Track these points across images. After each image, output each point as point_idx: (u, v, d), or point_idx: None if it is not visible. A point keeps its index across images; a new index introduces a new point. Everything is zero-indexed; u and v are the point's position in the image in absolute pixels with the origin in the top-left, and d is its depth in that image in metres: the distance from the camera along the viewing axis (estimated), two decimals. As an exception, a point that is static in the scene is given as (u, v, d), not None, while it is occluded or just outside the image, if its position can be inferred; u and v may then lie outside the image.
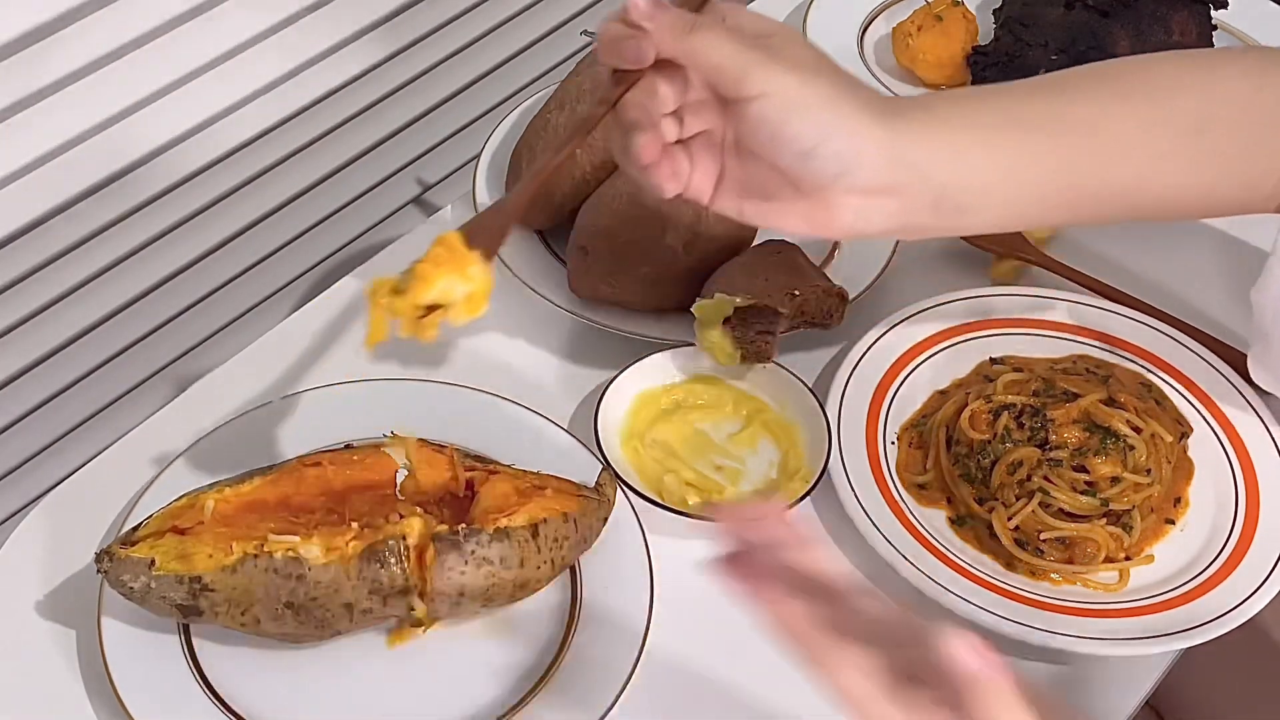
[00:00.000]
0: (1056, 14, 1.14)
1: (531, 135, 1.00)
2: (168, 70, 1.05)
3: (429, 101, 1.30)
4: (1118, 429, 0.86)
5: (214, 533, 0.73)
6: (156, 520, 0.74)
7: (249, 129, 1.14)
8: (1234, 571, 0.84)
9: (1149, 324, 0.97)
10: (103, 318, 1.11)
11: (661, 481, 0.85)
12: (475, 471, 0.80)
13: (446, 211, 1.06)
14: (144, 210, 1.10)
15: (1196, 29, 1.14)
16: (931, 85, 1.19)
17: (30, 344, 1.07)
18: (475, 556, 0.73)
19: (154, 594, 0.71)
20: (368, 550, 0.72)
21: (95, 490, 0.86)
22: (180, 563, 0.71)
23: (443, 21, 1.27)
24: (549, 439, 0.86)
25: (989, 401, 0.89)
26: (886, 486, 0.87)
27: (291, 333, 0.98)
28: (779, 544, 0.59)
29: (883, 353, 0.94)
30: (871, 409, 0.91)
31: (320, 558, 0.72)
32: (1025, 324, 0.97)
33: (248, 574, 0.71)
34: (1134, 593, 0.84)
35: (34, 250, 1.04)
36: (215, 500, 0.75)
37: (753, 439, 0.89)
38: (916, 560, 0.82)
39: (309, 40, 1.15)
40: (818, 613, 0.55)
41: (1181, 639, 0.80)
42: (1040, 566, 0.85)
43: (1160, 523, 0.88)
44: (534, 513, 0.75)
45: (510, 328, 0.98)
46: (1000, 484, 0.86)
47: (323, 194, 1.24)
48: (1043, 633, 0.80)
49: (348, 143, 1.24)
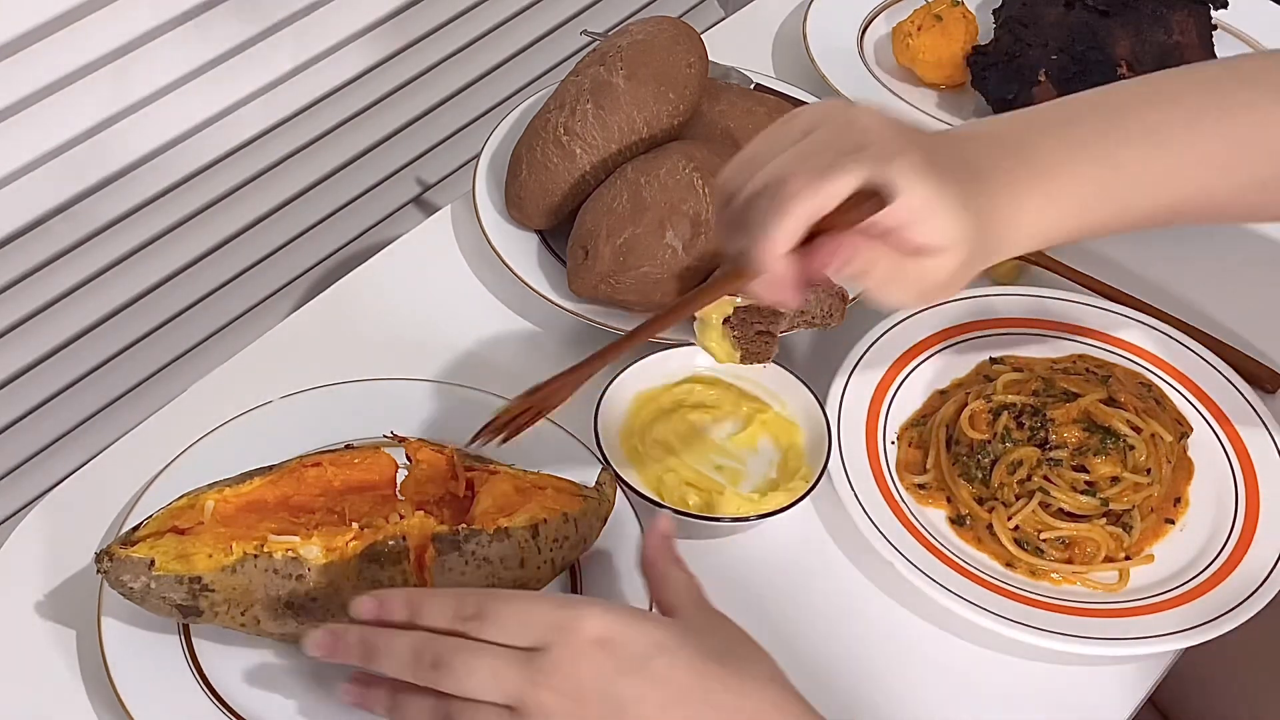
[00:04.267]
0: (1056, 14, 1.14)
1: (531, 135, 1.00)
2: (168, 70, 1.05)
3: (429, 101, 1.30)
4: (1118, 429, 0.86)
5: (214, 533, 0.73)
6: (156, 520, 0.74)
7: (249, 129, 1.14)
8: (1234, 571, 0.84)
9: (1149, 324, 0.97)
10: (103, 318, 1.11)
11: (661, 481, 0.85)
12: (475, 471, 0.79)
13: (446, 211, 1.06)
14: (144, 210, 1.10)
15: (1196, 29, 1.14)
16: (931, 85, 1.19)
17: (30, 344, 1.07)
18: (475, 557, 0.73)
19: (154, 594, 0.71)
20: (368, 550, 0.72)
21: (95, 490, 0.86)
22: (180, 563, 0.71)
23: (443, 21, 1.27)
24: (549, 439, 0.86)
25: (989, 401, 0.89)
26: (886, 486, 0.87)
27: (291, 333, 0.98)
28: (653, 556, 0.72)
29: (883, 353, 0.94)
30: (871, 409, 0.91)
31: (320, 558, 0.72)
32: (1025, 324, 0.97)
33: (248, 574, 0.71)
34: (1134, 593, 0.84)
35: (34, 250, 1.04)
36: (215, 500, 0.75)
37: (753, 439, 0.89)
38: (916, 560, 0.82)
39: (309, 40, 1.15)
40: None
41: (1181, 639, 0.80)
42: (1040, 566, 0.85)
43: (1160, 523, 0.88)
44: (534, 513, 0.75)
45: (510, 327, 0.98)
46: (1000, 484, 0.86)
47: (323, 194, 1.24)
48: (1043, 633, 0.80)
49: (348, 143, 1.24)
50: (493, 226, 1.00)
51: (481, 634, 0.65)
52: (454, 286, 1.01)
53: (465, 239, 1.04)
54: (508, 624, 0.65)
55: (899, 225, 0.65)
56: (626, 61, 0.98)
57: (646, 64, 0.98)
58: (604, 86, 0.98)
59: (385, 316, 0.98)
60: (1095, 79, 1.10)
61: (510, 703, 0.64)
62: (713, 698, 0.64)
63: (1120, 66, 1.11)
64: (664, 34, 1.01)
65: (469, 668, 0.64)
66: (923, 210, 0.64)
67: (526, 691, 0.63)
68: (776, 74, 1.19)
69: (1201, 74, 0.78)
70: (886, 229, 0.65)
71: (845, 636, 0.83)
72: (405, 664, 0.66)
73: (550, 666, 0.64)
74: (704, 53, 1.02)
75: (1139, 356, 0.96)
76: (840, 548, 0.87)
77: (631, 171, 0.95)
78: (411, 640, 0.66)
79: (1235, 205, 0.77)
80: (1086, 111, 0.74)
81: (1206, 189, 0.75)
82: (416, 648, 0.66)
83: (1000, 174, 0.69)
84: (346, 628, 0.68)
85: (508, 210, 1.01)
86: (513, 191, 1.00)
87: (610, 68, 0.99)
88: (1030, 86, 1.12)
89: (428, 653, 0.66)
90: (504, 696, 0.64)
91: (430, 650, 0.66)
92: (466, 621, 0.66)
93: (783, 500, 0.84)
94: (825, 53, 1.18)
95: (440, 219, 1.06)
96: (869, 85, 1.17)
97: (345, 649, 0.68)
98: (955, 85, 1.19)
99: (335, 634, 0.68)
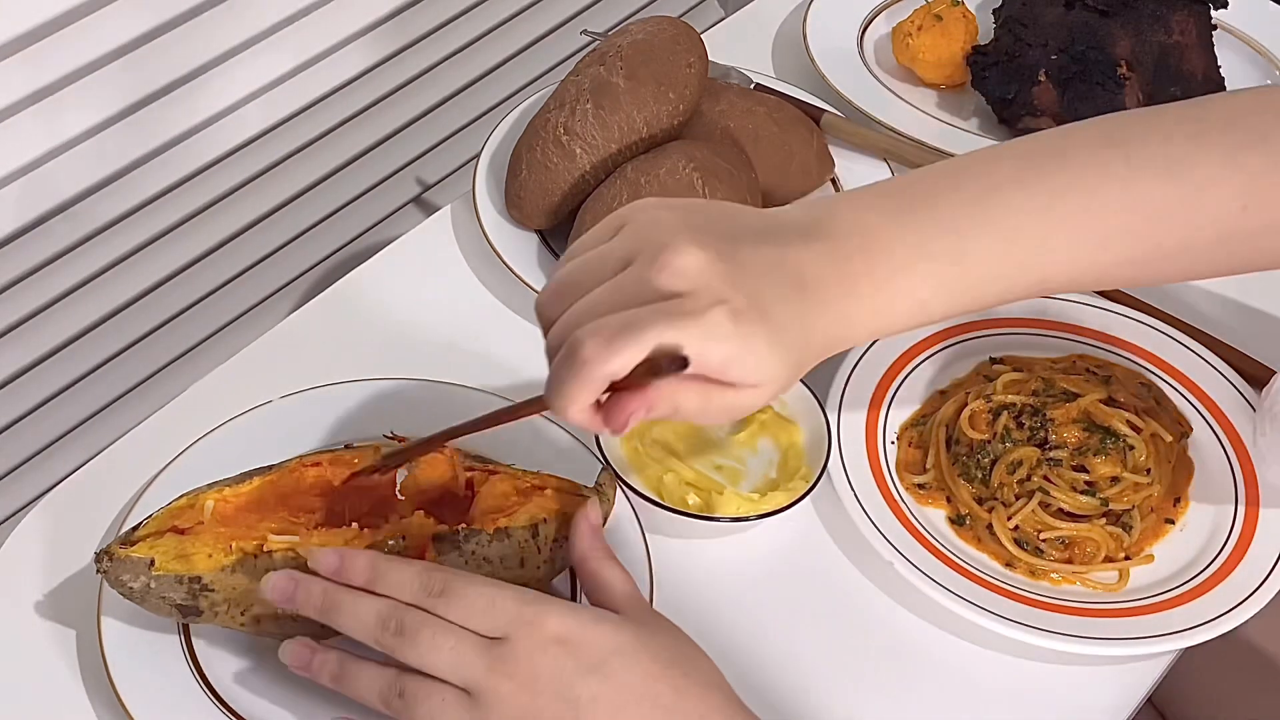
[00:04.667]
0: (1056, 14, 1.14)
1: (531, 135, 1.00)
2: (167, 70, 1.05)
3: (429, 101, 1.30)
4: (1118, 429, 0.87)
5: (214, 533, 0.73)
6: (156, 520, 0.74)
7: (249, 129, 1.14)
8: (1234, 571, 0.84)
9: (1149, 324, 0.97)
10: (103, 318, 1.11)
11: (661, 481, 0.85)
12: (475, 471, 0.79)
13: (446, 211, 1.06)
14: (143, 210, 1.10)
15: (1196, 29, 1.14)
16: (931, 85, 1.19)
17: (30, 344, 1.07)
18: (475, 556, 0.73)
19: (153, 594, 0.71)
20: (368, 549, 0.72)
21: (95, 490, 0.86)
22: (180, 563, 0.71)
23: (443, 21, 1.27)
24: (548, 439, 0.86)
25: (989, 401, 0.89)
26: (886, 486, 0.87)
27: (291, 333, 0.98)
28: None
29: (883, 353, 0.94)
30: (871, 409, 0.91)
31: None
32: (1025, 324, 0.97)
33: (248, 574, 0.71)
34: (1134, 593, 0.84)
35: (34, 250, 1.04)
36: (215, 500, 0.75)
37: (753, 439, 0.89)
38: (916, 560, 0.82)
39: (309, 40, 1.15)
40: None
41: (1181, 639, 0.80)
42: (1040, 566, 0.85)
43: (1160, 523, 0.88)
44: (534, 512, 0.75)
45: (510, 327, 0.98)
46: (1000, 484, 0.86)
47: (323, 194, 1.24)
48: (1042, 633, 0.80)
49: (348, 142, 1.24)
50: (493, 226, 1.00)
51: (446, 612, 0.67)
52: (454, 286, 1.01)
53: (465, 239, 1.04)
54: (474, 606, 0.66)
55: (707, 372, 0.62)
56: (626, 61, 0.99)
57: (646, 64, 0.98)
58: (604, 86, 0.98)
59: (385, 316, 0.98)
60: (1095, 79, 1.11)
61: (467, 686, 0.65)
62: (661, 700, 0.66)
63: (1120, 66, 1.11)
64: (664, 34, 1.01)
65: (434, 643, 0.66)
66: (728, 362, 0.62)
67: (485, 678, 0.65)
68: (776, 74, 1.20)
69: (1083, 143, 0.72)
70: (698, 374, 0.62)
71: (845, 636, 0.83)
72: (368, 626, 0.67)
73: (511, 656, 0.65)
74: (704, 53, 1.02)
75: (1139, 356, 0.96)
76: (840, 548, 0.87)
77: (631, 171, 0.95)
78: (377, 604, 0.68)
79: (1106, 280, 0.73)
80: (945, 192, 0.69)
81: (1067, 273, 0.71)
82: (382, 612, 0.67)
83: (828, 286, 0.65)
84: (309, 577, 0.69)
85: (508, 210, 1.01)
86: (513, 191, 1.00)
87: (610, 68, 0.99)
88: (1030, 86, 1.12)
89: (393, 619, 0.67)
90: (462, 679, 0.65)
91: (396, 617, 0.67)
92: (431, 597, 0.67)
93: (783, 500, 0.84)
94: (825, 53, 1.18)
95: (440, 219, 1.06)
96: (869, 85, 1.17)
97: (305, 597, 0.69)
98: (955, 85, 1.19)
99: (296, 580, 0.69)
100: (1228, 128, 0.71)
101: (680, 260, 0.62)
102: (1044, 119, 1.12)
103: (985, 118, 1.17)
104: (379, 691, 0.67)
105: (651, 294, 0.62)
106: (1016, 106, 1.13)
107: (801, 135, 1.05)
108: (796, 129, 1.05)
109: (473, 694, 0.65)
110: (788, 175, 1.04)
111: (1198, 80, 1.14)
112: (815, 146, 1.05)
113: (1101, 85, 1.11)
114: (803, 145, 1.04)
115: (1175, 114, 0.72)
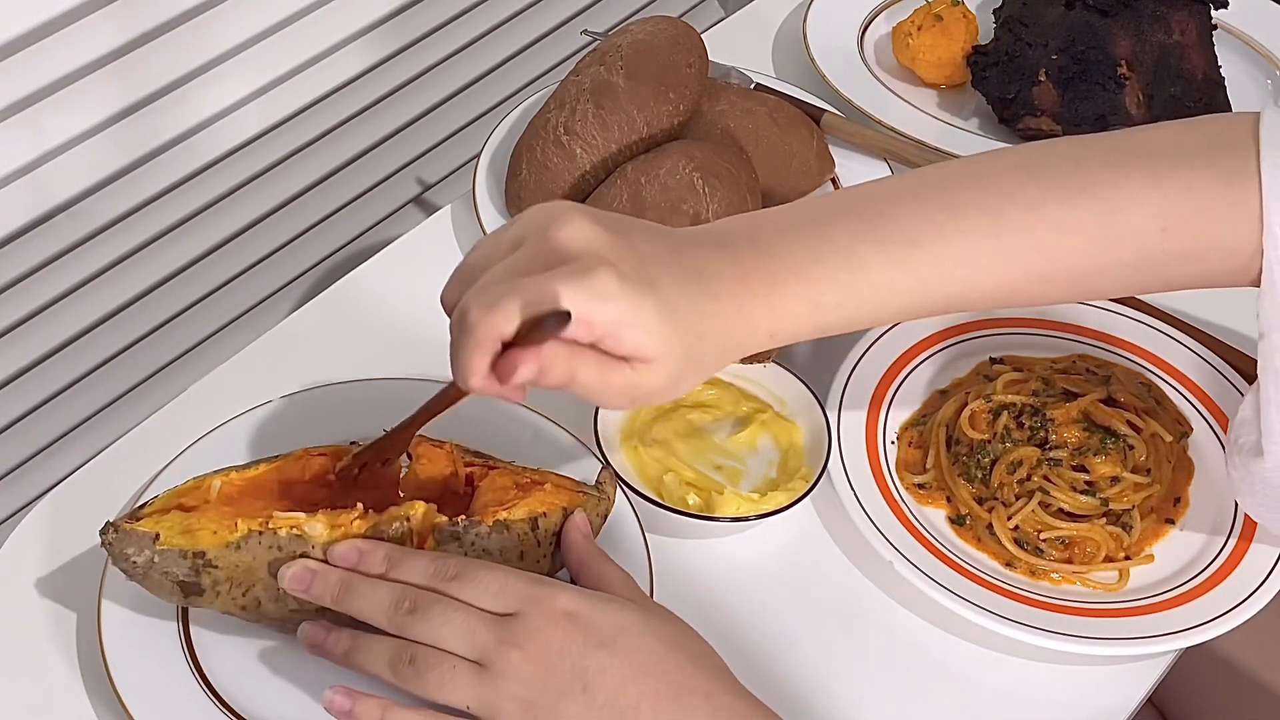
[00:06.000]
0: (1056, 14, 1.14)
1: (531, 135, 1.00)
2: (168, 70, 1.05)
3: (429, 101, 1.30)
4: (1118, 429, 0.87)
5: (219, 510, 0.73)
6: (162, 499, 0.74)
7: (249, 129, 1.14)
8: (1234, 571, 0.84)
9: (1149, 324, 0.97)
10: (103, 318, 1.11)
11: (661, 481, 0.85)
12: (475, 467, 0.80)
13: (446, 211, 1.06)
14: (143, 210, 1.10)
15: (1196, 29, 1.14)
16: (931, 85, 1.19)
17: (30, 344, 1.07)
18: (475, 548, 0.73)
19: (156, 569, 0.71)
20: (372, 531, 0.72)
21: (95, 490, 0.86)
22: (185, 537, 0.71)
23: (443, 21, 1.27)
24: (548, 438, 0.86)
25: (989, 401, 0.89)
26: (886, 486, 0.87)
27: (291, 333, 0.98)
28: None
29: (883, 353, 0.94)
30: (871, 409, 0.91)
31: (325, 535, 0.72)
32: (1025, 324, 0.97)
33: (251, 550, 0.71)
34: (1134, 593, 0.84)
35: (34, 250, 1.04)
36: (221, 481, 0.75)
37: (753, 439, 0.89)
38: (916, 560, 0.82)
39: (309, 40, 1.15)
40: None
41: (1181, 639, 0.80)
42: (1040, 566, 0.85)
43: (1160, 522, 0.88)
44: (533, 506, 0.76)
45: (510, 327, 0.98)
46: (1000, 483, 0.86)
47: (323, 194, 1.24)
48: (1043, 633, 0.80)
49: (348, 142, 1.24)
50: (493, 226, 1.00)
51: (460, 594, 0.69)
52: (454, 286, 1.01)
53: (465, 239, 1.04)
54: (487, 587, 0.68)
55: (599, 337, 0.63)
56: (626, 61, 0.99)
57: (646, 64, 0.98)
58: (604, 86, 0.98)
59: (385, 316, 0.98)
60: (1095, 79, 1.11)
61: (479, 659, 0.67)
62: (668, 677, 0.67)
63: (1120, 66, 1.11)
64: (664, 34, 1.01)
65: (445, 618, 0.68)
66: (617, 324, 0.62)
67: (497, 650, 0.67)
68: (776, 74, 1.20)
69: (996, 168, 0.73)
70: (592, 339, 0.63)
71: (845, 636, 0.83)
72: (381, 607, 0.69)
73: (522, 628, 0.67)
74: (704, 53, 1.02)
75: (1139, 356, 0.96)
76: (840, 548, 0.87)
77: (631, 171, 0.95)
78: (390, 587, 0.70)
79: (1023, 298, 0.74)
80: (847, 206, 0.71)
81: (976, 289, 0.71)
82: (395, 594, 0.69)
83: (723, 280, 0.67)
84: (326, 567, 0.71)
85: (508, 210, 1.01)
86: (513, 191, 1.00)
87: (610, 67, 0.99)
88: (1030, 86, 1.12)
89: (406, 600, 0.69)
90: (474, 651, 0.67)
91: (409, 597, 0.69)
92: (445, 581, 0.69)
93: (783, 500, 0.84)
94: (825, 52, 1.18)
95: (440, 219, 1.06)
96: (869, 85, 1.17)
97: (323, 586, 0.71)
98: (955, 85, 1.19)
99: (314, 570, 0.71)
100: (1150, 154, 0.72)
101: (568, 230, 0.64)
102: (1044, 119, 1.12)
103: (985, 118, 1.17)
104: (388, 659, 0.68)
105: (540, 266, 0.63)
106: (1016, 106, 1.13)
107: (801, 135, 1.05)
108: (796, 129, 1.05)
109: (483, 664, 0.67)
110: (788, 175, 1.04)
111: (1198, 80, 1.14)
112: (815, 146, 1.05)
113: (1101, 85, 1.11)
114: (803, 145, 1.04)
115: (1098, 143, 0.74)
